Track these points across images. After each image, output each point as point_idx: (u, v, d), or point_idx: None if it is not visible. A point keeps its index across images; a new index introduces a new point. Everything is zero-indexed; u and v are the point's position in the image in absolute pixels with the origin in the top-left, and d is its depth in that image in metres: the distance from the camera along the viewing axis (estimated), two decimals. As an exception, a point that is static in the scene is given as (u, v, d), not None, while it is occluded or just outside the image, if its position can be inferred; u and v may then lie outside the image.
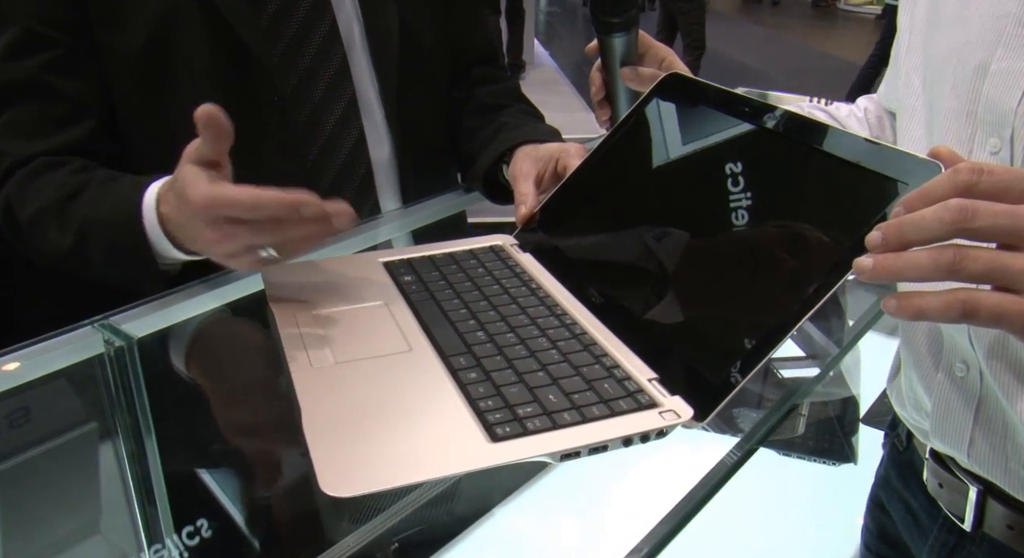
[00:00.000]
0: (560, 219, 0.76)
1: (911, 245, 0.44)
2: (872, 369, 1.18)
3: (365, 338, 0.62)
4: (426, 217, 0.92)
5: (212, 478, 0.74)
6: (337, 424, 0.52)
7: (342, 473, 0.48)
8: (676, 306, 0.61)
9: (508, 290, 0.69)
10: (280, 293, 0.68)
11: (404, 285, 0.70)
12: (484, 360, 0.58)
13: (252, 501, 0.75)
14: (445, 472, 0.48)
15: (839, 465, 1.09)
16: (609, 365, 0.58)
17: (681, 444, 0.58)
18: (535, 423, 0.51)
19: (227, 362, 0.76)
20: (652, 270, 0.64)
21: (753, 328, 0.54)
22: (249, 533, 0.73)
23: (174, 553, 0.59)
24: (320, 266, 0.74)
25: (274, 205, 0.59)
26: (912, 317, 0.44)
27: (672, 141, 0.70)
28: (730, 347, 0.54)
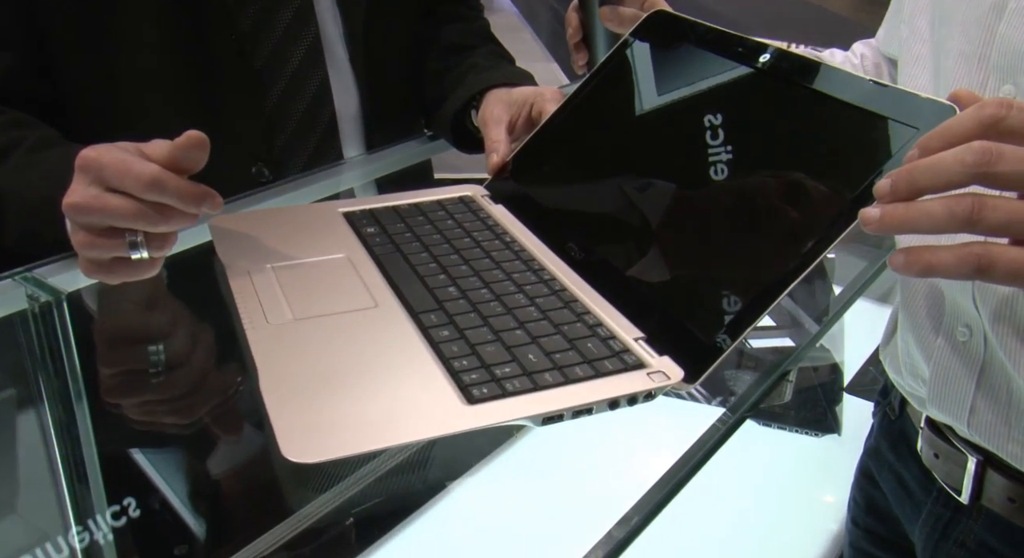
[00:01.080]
0: (535, 168, 0.75)
1: (924, 193, 0.43)
2: (856, 337, 1.20)
3: (326, 293, 0.61)
4: (389, 165, 0.91)
5: (154, 450, 0.73)
6: (298, 385, 0.51)
7: (306, 438, 0.46)
8: (663, 261, 0.61)
9: (480, 244, 0.68)
10: (230, 245, 0.67)
11: (367, 237, 0.69)
12: (457, 317, 0.58)
13: (201, 474, 0.74)
14: (418, 436, 0.47)
15: (822, 436, 1.11)
16: (592, 323, 0.58)
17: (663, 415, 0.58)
18: (514, 384, 0.51)
19: (171, 320, 0.75)
20: (637, 223, 0.64)
21: (747, 285, 0.54)
22: (197, 509, 0.72)
23: (103, 533, 0.58)
24: (273, 216, 0.72)
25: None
26: (921, 273, 0.43)
27: (657, 85, 0.70)
28: (722, 305, 0.54)
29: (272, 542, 0.75)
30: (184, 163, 0.58)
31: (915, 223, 0.43)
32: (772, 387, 0.58)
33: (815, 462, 1.10)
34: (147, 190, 0.57)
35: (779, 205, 0.56)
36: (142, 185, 0.57)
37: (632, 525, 0.46)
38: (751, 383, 0.58)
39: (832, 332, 1.16)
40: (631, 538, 0.46)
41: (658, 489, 0.49)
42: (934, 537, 0.76)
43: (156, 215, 0.58)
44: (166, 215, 0.58)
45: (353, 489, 0.83)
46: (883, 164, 0.51)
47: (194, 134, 0.58)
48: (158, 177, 0.57)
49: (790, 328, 1.00)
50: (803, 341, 0.76)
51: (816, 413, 1.12)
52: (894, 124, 0.52)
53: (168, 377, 0.68)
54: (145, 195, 0.57)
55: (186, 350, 0.71)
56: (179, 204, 0.58)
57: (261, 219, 0.71)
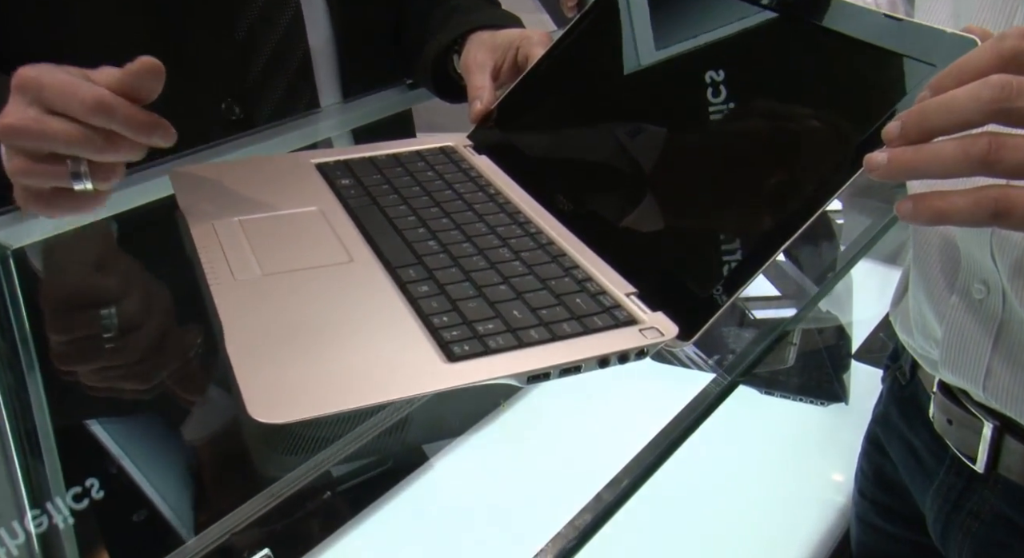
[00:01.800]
0: (521, 116, 0.74)
1: (936, 134, 0.42)
2: (865, 300, 1.21)
3: (297, 248, 0.61)
4: (367, 115, 0.91)
5: (113, 420, 0.73)
6: (267, 342, 0.50)
7: (274, 396, 0.46)
8: (656, 212, 0.60)
9: (463, 196, 0.68)
10: (193, 198, 0.66)
11: (341, 189, 0.68)
12: (437, 272, 0.57)
13: (166, 446, 0.74)
14: (396, 394, 0.47)
15: (827, 405, 1.11)
16: (581, 278, 0.57)
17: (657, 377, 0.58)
18: (498, 341, 0.51)
19: (129, 278, 0.74)
20: (629, 173, 0.63)
21: (746, 236, 0.53)
22: (163, 484, 0.72)
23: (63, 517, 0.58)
24: (240, 167, 0.71)
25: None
26: (931, 220, 0.43)
27: (652, 24, 0.69)
28: (719, 258, 0.54)
29: (243, 517, 0.75)
30: (136, 91, 0.56)
31: (925, 167, 0.42)
32: (771, 347, 0.58)
33: (820, 432, 1.10)
34: (92, 114, 0.55)
35: (780, 151, 0.56)
36: (87, 108, 0.55)
37: (621, 488, 0.46)
38: (749, 343, 0.58)
39: (839, 295, 1.16)
40: (620, 502, 0.46)
41: (649, 452, 0.49)
42: (946, 508, 0.76)
43: (102, 141, 0.56)
44: (113, 143, 0.57)
45: (330, 462, 0.83)
46: (896, 105, 0.50)
47: (147, 60, 0.56)
48: (105, 100, 0.55)
49: (796, 298, 1.01)
50: (802, 295, 0.75)
51: (821, 380, 1.13)
52: (908, 61, 0.51)
53: (125, 340, 0.68)
54: (90, 119, 0.55)
55: (145, 310, 0.71)
56: (128, 131, 0.56)
57: (227, 170, 0.70)
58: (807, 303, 0.74)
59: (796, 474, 1.05)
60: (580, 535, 0.45)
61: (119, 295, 0.73)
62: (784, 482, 1.03)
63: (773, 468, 1.04)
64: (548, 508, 0.51)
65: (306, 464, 0.77)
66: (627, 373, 0.53)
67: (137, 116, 0.56)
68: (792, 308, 1.00)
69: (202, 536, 0.70)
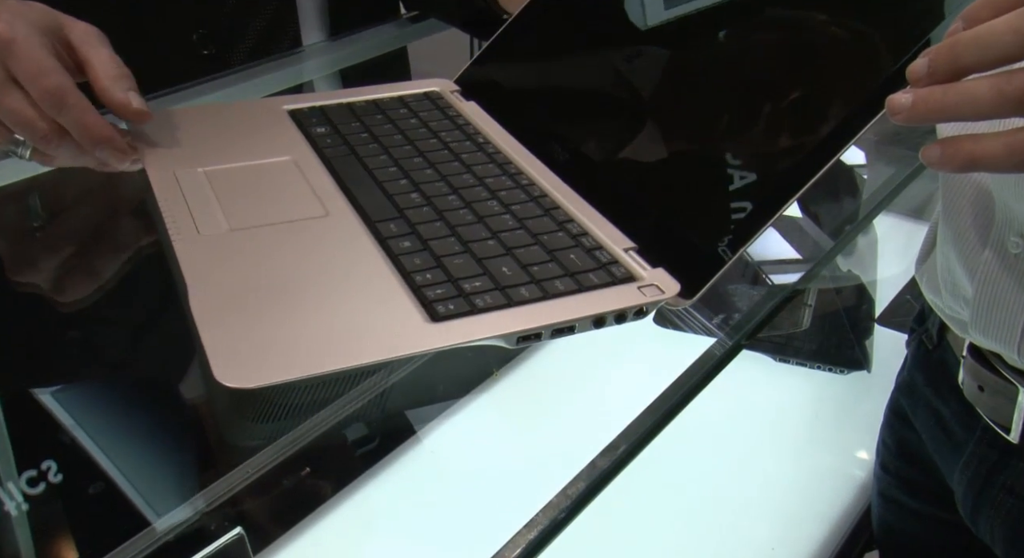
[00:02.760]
0: (513, 58, 0.74)
1: (968, 71, 0.41)
2: (890, 258, 1.21)
3: (268, 200, 0.61)
4: (355, 54, 0.90)
5: (65, 387, 0.73)
6: (235, 302, 0.51)
7: (242, 360, 0.47)
8: (657, 162, 0.61)
9: (449, 145, 0.68)
10: (154, 146, 0.66)
11: (316, 138, 0.69)
12: (420, 227, 0.58)
13: (123, 416, 0.75)
14: (375, 357, 0.48)
15: (848, 373, 1.12)
16: (576, 233, 0.58)
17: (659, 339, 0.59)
18: (485, 299, 0.51)
19: (82, 233, 0.74)
20: (627, 119, 0.64)
21: (754, 186, 0.54)
22: (121, 460, 0.73)
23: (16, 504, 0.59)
24: (206, 113, 0.72)
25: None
26: (962, 167, 0.42)
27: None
28: (725, 209, 0.54)
29: (214, 496, 0.76)
30: (109, 103, 0.59)
31: (955, 108, 0.41)
32: (779, 308, 0.58)
33: (839, 402, 1.11)
34: (45, 101, 0.57)
35: (792, 93, 0.56)
36: (41, 93, 0.57)
37: (618, 454, 0.47)
38: (756, 303, 0.59)
39: (861, 252, 1.16)
40: (616, 469, 0.47)
41: (647, 417, 0.50)
42: (977, 482, 0.77)
43: (47, 132, 0.59)
44: (56, 138, 0.59)
45: (308, 437, 0.84)
46: (921, 40, 0.50)
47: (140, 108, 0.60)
48: (62, 94, 0.58)
49: (817, 260, 1.01)
50: (821, 255, 0.76)
51: (841, 346, 1.13)
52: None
53: (77, 300, 0.68)
54: (43, 104, 0.58)
55: (99, 269, 0.71)
56: (76, 134, 0.59)
57: (192, 116, 0.70)
58: (821, 258, 0.74)
59: (813, 447, 1.06)
60: (573, 504, 0.46)
61: (70, 253, 0.73)
62: (799, 455, 1.04)
63: (788, 440, 1.05)
64: (543, 479, 0.52)
65: (283, 439, 0.78)
66: (628, 337, 0.54)
67: (88, 123, 0.59)
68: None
69: (169, 516, 0.71)
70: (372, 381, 0.76)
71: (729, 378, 0.59)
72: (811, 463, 1.04)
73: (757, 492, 0.98)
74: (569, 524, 0.47)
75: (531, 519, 0.47)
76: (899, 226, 1.18)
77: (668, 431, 0.52)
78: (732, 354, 0.54)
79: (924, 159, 0.43)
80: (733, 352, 0.54)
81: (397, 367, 0.72)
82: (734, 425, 0.93)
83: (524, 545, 0.47)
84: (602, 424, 0.52)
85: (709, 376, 0.53)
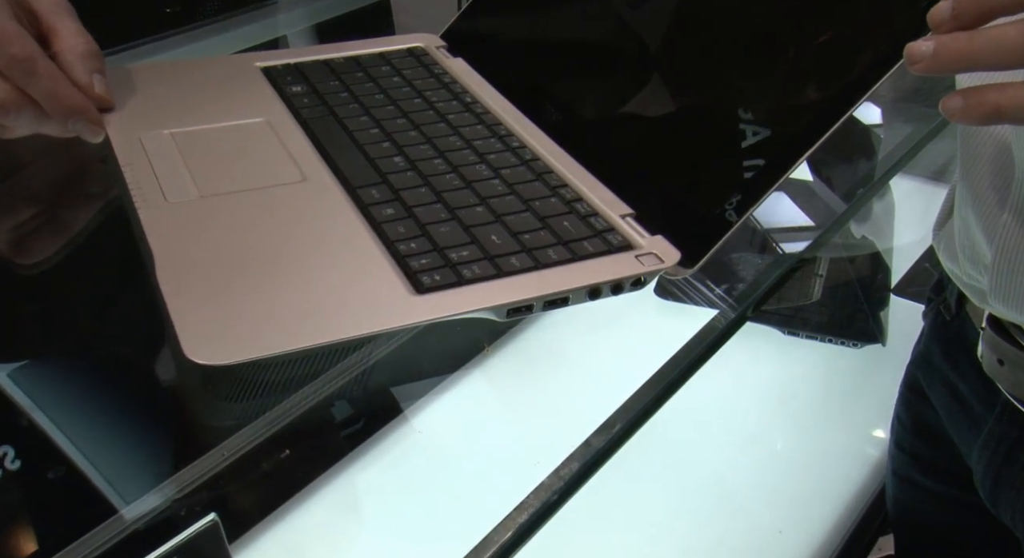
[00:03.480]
0: (503, 11, 0.74)
1: (995, 15, 0.41)
2: (907, 224, 1.21)
3: (240, 165, 0.61)
4: (332, 7, 0.89)
5: (24, 373, 0.73)
6: (206, 273, 0.51)
7: (214, 335, 0.47)
8: (656, 122, 0.61)
9: (434, 105, 0.68)
10: (117, 107, 0.66)
11: (292, 97, 0.69)
12: (404, 193, 0.58)
13: (88, 396, 0.75)
14: (357, 332, 0.48)
15: (861, 346, 1.13)
16: (570, 198, 0.58)
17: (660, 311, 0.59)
18: (473, 270, 0.52)
19: (37, 200, 0.74)
20: (626, 76, 0.64)
21: (760, 144, 0.54)
22: (86, 443, 0.73)
23: None
24: (173, 71, 0.71)
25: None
26: (985, 118, 0.42)
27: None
28: (729, 171, 0.54)
29: (186, 481, 0.77)
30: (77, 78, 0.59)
31: (982, 56, 0.40)
32: (786, 277, 0.59)
33: (852, 377, 1.12)
34: (13, 68, 0.57)
35: (801, 42, 0.56)
36: (8, 60, 0.57)
37: (614, 433, 0.47)
38: (764, 270, 0.59)
39: (876, 218, 1.16)
40: (612, 449, 0.47)
41: (644, 393, 0.50)
42: (996, 461, 0.77)
43: (11, 102, 0.58)
44: (16, 109, 0.59)
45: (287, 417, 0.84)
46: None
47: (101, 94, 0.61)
48: (30, 61, 0.57)
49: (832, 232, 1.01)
50: (831, 221, 0.76)
51: (854, 318, 1.14)
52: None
53: (35, 274, 0.68)
54: (9, 73, 0.57)
55: (57, 239, 0.71)
56: (45, 105, 0.58)
57: (156, 74, 0.70)
58: (831, 223, 0.74)
59: (823, 425, 1.07)
60: (566, 486, 0.47)
61: (30, 220, 0.73)
62: (809, 433, 1.05)
63: (796, 418, 1.06)
64: (534, 459, 0.52)
65: (259, 420, 0.78)
66: (625, 309, 0.54)
67: (61, 93, 0.58)
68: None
69: (137, 504, 0.71)
70: (355, 358, 0.76)
71: (733, 352, 0.59)
72: (821, 442, 1.04)
73: (763, 473, 0.98)
74: (562, 506, 0.47)
75: (522, 501, 0.48)
76: (917, 189, 1.18)
77: (667, 408, 0.52)
78: (736, 326, 0.55)
79: (944, 110, 0.43)
80: (737, 324, 0.55)
81: (381, 342, 0.73)
82: (739, 402, 0.94)
83: (514, 528, 0.47)
84: (597, 401, 0.52)
85: (711, 350, 0.54)
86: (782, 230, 0.94)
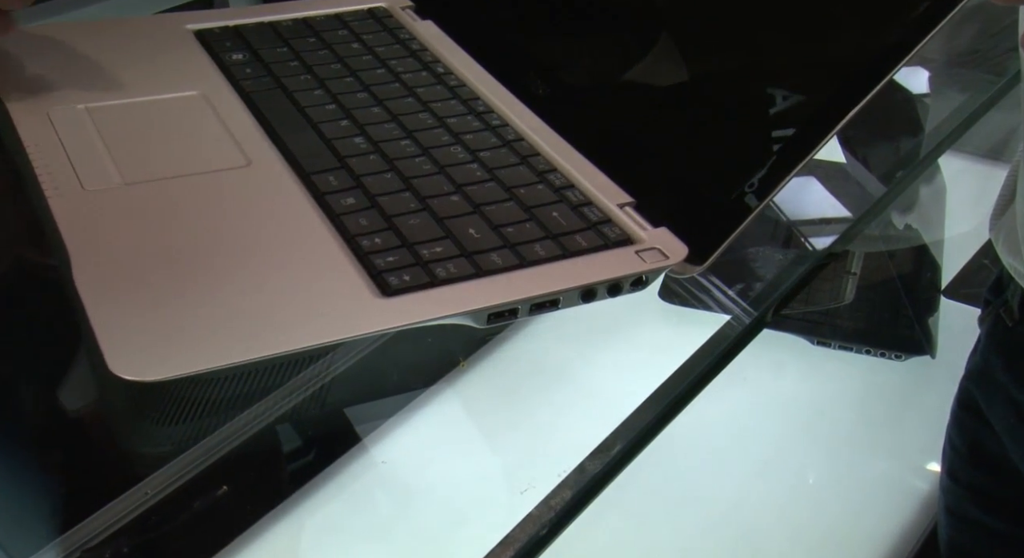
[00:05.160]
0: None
1: None
2: (962, 212, 1.21)
3: (172, 147, 0.62)
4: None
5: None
6: (133, 274, 0.52)
7: (143, 345, 0.48)
8: (660, 95, 0.62)
9: (400, 76, 0.69)
10: (18, 75, 0.67)
11: (232, 67, 0.70)
12: (367, 179, 0.59)
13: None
14: (311, 342, 0.49)
15: (905, 359, 1.12)
16: (559, 185, 0.60)
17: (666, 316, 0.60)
18: (448, 268, 0.53)
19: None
20: (623, 41, 0.65)
21: (780, 117, 0.55)
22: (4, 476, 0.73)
23: None
24: (85, 34, 0.72)
25: None
26: None
27: None
28: (745, 149, 0.56)
29: (103, 525, 0.77)
30: None
31: None
32: (811, 276, 0.60)
33: (895, 396, 1.11)
34: None
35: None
36: None
37: (612, 457, 0.48)
38: (786, 267, 0.60)
39: (923, 204, 1.16)
40: (610, 475, 0.48)
41: (648, 410, 0.51)
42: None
43: None
44: None
45: (225, 447, 0.84)
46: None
47: None
48: None
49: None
50: (867, 208, 0.76)
51: (896, 324, 1.13)
52: None
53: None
54: None
55: None
56: None
57: (67, 36, 0.70)
58: (866, 211, 0.74)
59: (861, 452, 1.06)
60: (557, 517, 0.47)
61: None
62: (844, 462, 1.04)
63: (829, 443, 1.05)
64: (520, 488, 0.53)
65: (193, 450, 0.78)
66: (624, 314, 0.55)
67: None
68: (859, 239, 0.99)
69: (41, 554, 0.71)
70: (308, 374, 0.76)
71: (751, 364, 0.60)
72: (858, 472, 1.04)
73: (787, 508, 0.98)
74: (552, 541, 0.48)
75: (506, 536, 0.48)
76: (972, 169, 1.18)
77: (673, 429, 0.53)
78: (753, 333, 0.56)
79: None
80: (754, 331, 0.56)
81: (339, 356, 0.73)
82: (757, 423, 0.94)
83: (499, 566, 0.48)
84: (593, 421, 0.53)
85: (724, 361, 0.55)
86: (809, 221, 0.93)
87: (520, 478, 0.60)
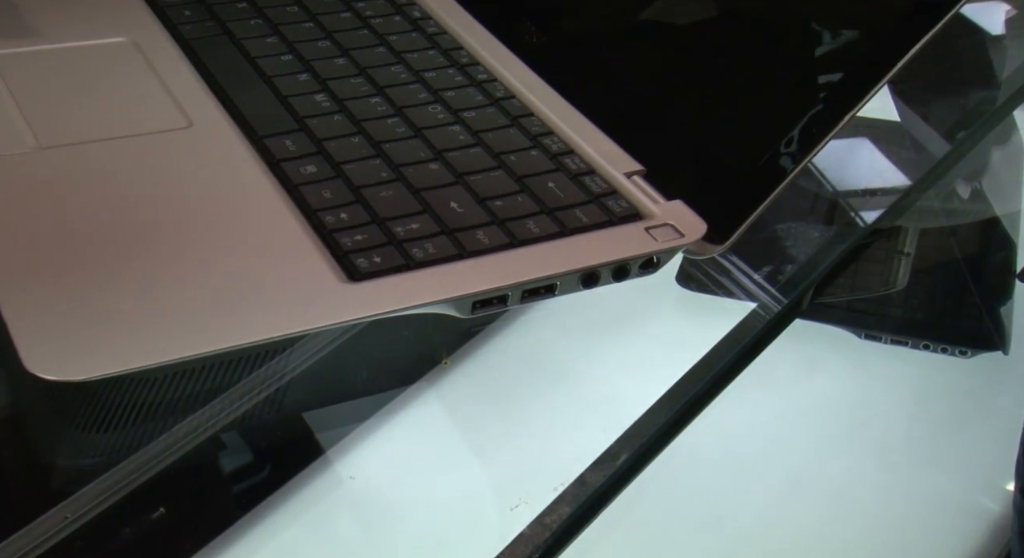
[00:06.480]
0: None
1: None
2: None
3: (98, 104, 0.63)
4: None
5: None
6: (52, 257, 0.52)
7: (65, 340, 0.48)
8: (676, 41, 0.63)
9: (370, 22, 0.70)
10: None
11: (169, 10, 0.70)
12: (330, 144, 0.60)
13: None
14: (264, 335, 0.50)
15: (972, 355, 1.13)
16: (557, 151, 0.61)
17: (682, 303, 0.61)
18: (426, 248, 0.53)
19: None
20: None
21: (820, 63, 0.56)
22: None
23: None
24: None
25: None
26: None
27: None
28: (773, 108, 0.56)
29: (24, 549, 0.77)
30: None
31: None
32: (857, 255, 0.60)
33: (959, 399, 1.11)
34: None
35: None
36: None
37: (617, 467, 0.49)
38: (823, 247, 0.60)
39: (995, 170, 1.15)
40: (615, 488, 0.49)
41: (659, 414, 0.51)
42: None
43: None
44: None
45: (163, 460, 0.85)
46: None
47: None
48: None
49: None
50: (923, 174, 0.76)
51: (961, 315, 1.13)
52: None
53: None
54: None
55: None
56: None
57: None
58: (921, 177, 0.74)
59: (918, 465, 1.07)
60: (553, 537, 0.48)
61: None
62: (898, 476, 1.05)
63: (879, 454, 1.06)
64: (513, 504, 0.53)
65: (125, 464, 0.79)
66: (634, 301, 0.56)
67: None
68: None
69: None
70: (262, 373, 0.76)
71: (782, 361, 0.60)
72: (915, 489, 1.05)
73: (825, 532, 0.98)
74: None
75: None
76: None
77: (689, 435, 0.54)
78: (783, 324, 0.56)
79: None
80: (785, 321, 0.57)
81: (299, 352, 0.73)
82: (791, 429, 0.94)
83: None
84: (595, 426, 0.54)
85: (750, 356, 0.55)
86: (854, 190, 0.93)
87: (511, 493, 0.60)
